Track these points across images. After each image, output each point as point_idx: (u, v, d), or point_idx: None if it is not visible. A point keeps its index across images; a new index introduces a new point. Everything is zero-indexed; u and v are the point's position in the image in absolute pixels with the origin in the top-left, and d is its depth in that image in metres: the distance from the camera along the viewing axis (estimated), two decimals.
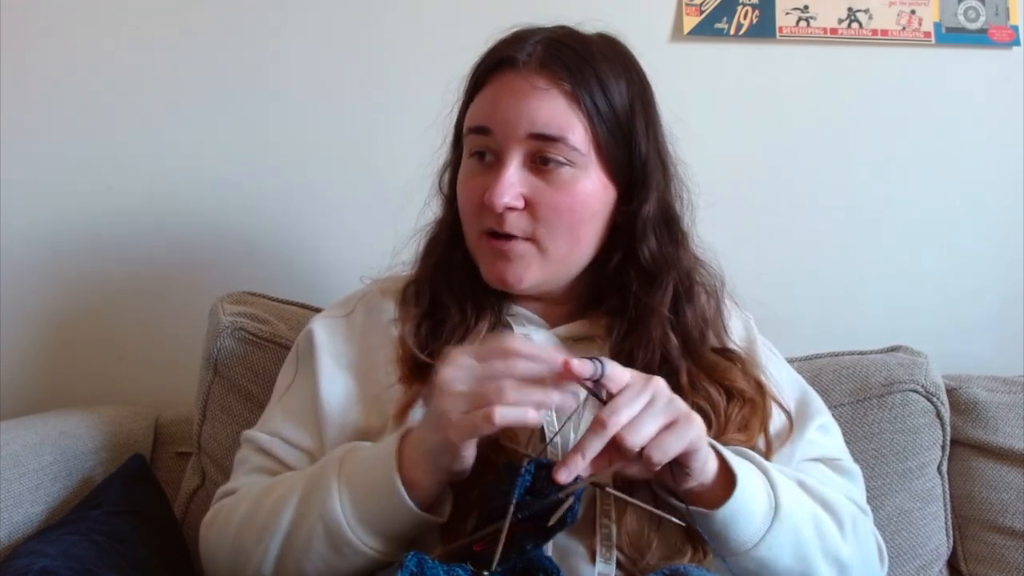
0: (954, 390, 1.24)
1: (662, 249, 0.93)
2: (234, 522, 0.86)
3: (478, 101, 0.92)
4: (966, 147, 1.46)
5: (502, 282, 0.90)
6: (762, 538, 0.79)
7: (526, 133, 0.87)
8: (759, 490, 0.80)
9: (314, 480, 0.82)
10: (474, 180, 0.91)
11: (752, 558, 0.80)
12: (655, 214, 0.92)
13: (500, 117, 0.88)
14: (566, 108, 0.88)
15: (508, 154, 0.88)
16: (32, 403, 1.36)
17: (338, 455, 0.82)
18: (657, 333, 0.90)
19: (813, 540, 0.83)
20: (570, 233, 0.90)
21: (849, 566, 0.86)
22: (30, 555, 0.82)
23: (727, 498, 0.77)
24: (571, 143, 0.88)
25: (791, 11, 1.44)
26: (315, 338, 0.96)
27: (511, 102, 0.88)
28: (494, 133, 0.89)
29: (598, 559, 0.81)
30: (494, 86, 0.90)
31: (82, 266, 1.40)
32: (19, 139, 1.39)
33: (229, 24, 1.41)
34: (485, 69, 0.92)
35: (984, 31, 1.45)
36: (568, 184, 0.89)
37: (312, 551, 0.79)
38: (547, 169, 0.88)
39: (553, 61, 0.89)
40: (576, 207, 0.89)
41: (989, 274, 1.46)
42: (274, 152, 1.42)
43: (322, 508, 0.79)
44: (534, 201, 0.88)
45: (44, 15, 1.39)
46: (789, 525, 0.80)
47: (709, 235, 1.00)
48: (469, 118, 0.92)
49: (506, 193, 0.87)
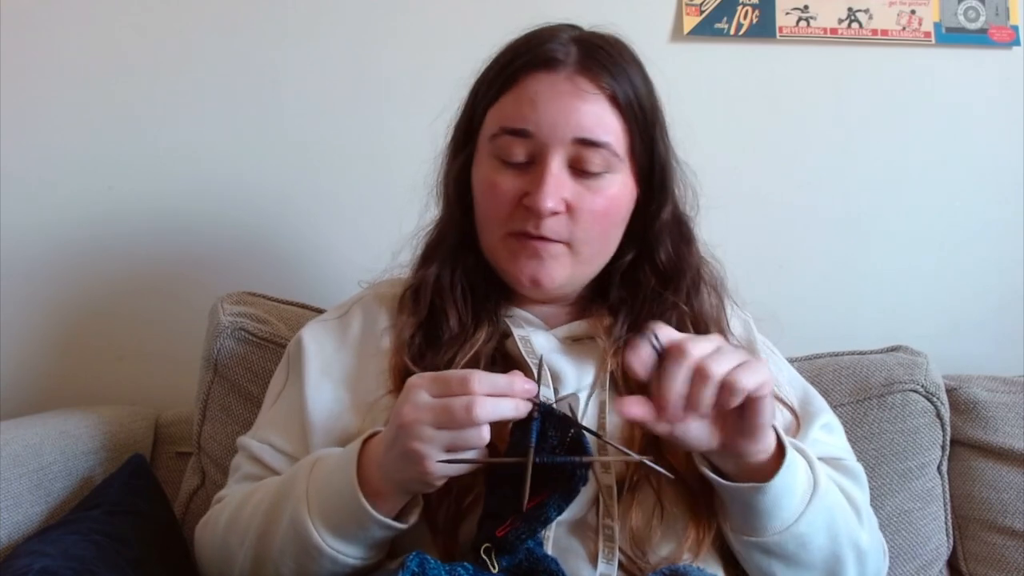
0: (954, 390, 1.24)
1: (676, 250, 0.94)
2: (220, 526, 0.87)
3: (511, 101, 0.89)
4: (966, 147, 1.46)
5: (535, 282, 0.89)
6: (802, 513, 0.79)
7: (572, 137, 0.86)
8: (802, 465, 0.81)
9: (286, 485, 0.82)
10: (507, 181, 0.88)
11: (792, 534, 0.80)
12: (671, 216, 0.94)
13: (544, 119, 0.86)
14: (609, 112, 0.88)
15: (550, 157, 0.86)
16: (32, 403, 1.36)
17: (310, 461, 0.83)
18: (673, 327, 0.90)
19: (842, 522, 0.84)
20: (603, 236, 0.91)
21: (867, 552, 0.86)
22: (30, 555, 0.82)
23: (776, 471, 0.77)
24: (613, 148, 0.87)
25: (791, 11, 1.44)
26: (304, 346, 0.96)
27: (556, 105, 0.86)
28: (535, 135, 0.87)
29: (600, 560, 0.81)
30: (532, 86, 0.88)
31: (82, 266, 1.40)
32: (19, 139, 1.39)
33: (230, 24, 1.41)
34: (519, 68, 0.89)
35: (984, 31, 1.45)
36: (605, 188, 0.89)
37: (286, 555, 0.80)
38: (587, 173, 0.87)
39: (593, 63, 0.88)
40: (611, 211, 0.90)
41: (989, 274, 1.46)
42: (274, 152, 1.42)
43: (293, 512, 0.79)
44: (574, 206, 0.87)
45: (44, 15, 1.39)
46: (825, 503, 0.81)
47: (709, 235, 1.00)
48: (503, 118, 0.89)
49: (553, 197, 0.86)
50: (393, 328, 0.94)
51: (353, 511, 0.76)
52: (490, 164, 0.90)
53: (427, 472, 0.72)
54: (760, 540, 0.80)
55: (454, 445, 0.72)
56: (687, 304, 0.93)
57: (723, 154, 1.39)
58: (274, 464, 0.91)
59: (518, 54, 0.90)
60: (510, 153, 0.88)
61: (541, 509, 0.74)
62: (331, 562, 0.78)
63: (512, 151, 0.88)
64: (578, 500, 0.80)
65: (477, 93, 0.94)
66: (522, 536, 0.75)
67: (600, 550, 0.81)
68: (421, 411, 0.72)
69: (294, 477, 0.82)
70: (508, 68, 0.90)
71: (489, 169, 0.90)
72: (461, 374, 0.74)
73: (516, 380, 0.74)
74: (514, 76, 0.89)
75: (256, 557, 0.82)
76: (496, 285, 0.95)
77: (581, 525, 0.82)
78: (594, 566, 0.80)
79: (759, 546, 0.81)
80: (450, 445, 0.72)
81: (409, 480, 0.75)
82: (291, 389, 0.96)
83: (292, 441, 0.91)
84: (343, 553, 0.78)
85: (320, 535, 0.77)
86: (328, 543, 0.77)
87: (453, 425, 0.71)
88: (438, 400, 0.72)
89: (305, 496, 0.79)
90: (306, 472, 0.81)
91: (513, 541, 0.74)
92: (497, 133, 0.89)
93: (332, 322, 0.99)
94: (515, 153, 0.88)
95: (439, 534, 0.81)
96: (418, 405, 0.73)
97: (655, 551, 0.82)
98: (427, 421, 0.72)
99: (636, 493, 0.83)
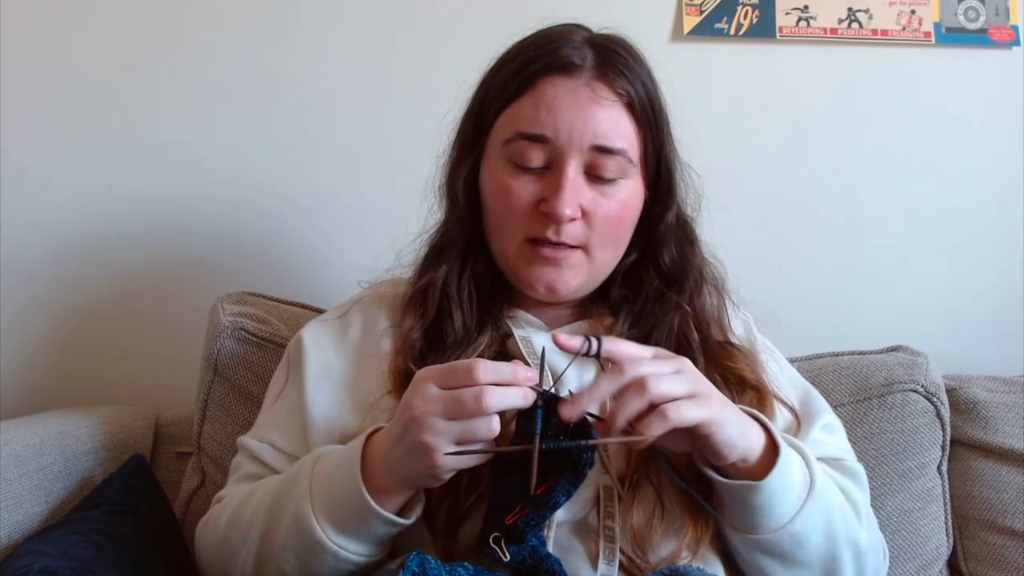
0: (954, 390, 1.24)
1: (680, 252, 0.95)
2: (221, 525, 0.87)
3: (528, 105, 0.88)
4: (966, 147, 1.46)
5: (551, 289, 0.90)
6: (798, 512, 0.79)
7: (589, 144, 0.86)
8: (798, 464, 0.81)
9: (289, 482, 0.82)
10: (522, 186, 0.88)
11: (788, 533, 0.80)
12: (675, 218, 0.94)
13: (562, 125, 0.86)
14: (625, 119, 0.88)
15: (567, 163, 0.86)
16: (32, 403, 1.36)
17: (312, 457, 0.83)
18: (678, 327, 0.91)
19: (839, 521, 0.83)
20: (616, 241, 0.91)
21: (866, 552, 0.86)
22: (30, 555, 0.82)
23: (770, 469, 0.77)
24: (628, 154, 0.88)
25: (791, 11, 1.44)
26: (304, 346, 0.96)
27: (575, 111, 0.86)
28: (552, 141, 0.86)
29: (601, 560, 0.81)
30: (549, 91, 0.87)
31: (82, 266, 1.40)
32: (19, 138, 1.39)
33: (230, 25, 1.41)
34: (535, 71, 0.88)
35: (984, 31, 1.45)
36: (619, 194, 0.89)
37: (288, 551, 0.80)
38: (603, 179, 0.88)
39: (610, 68, 0.88)
40: (625, 216, 0.90)
41: (989, 274, 1.46)
42: (274, 152, 1.41)
43: (296, 509, 0.79)
44: (590, 211, 0.88)
45: (44, 14, 1.39)
46: (822, 502, 0.81)
47: (710, 235, 1.01)
48: (519, 123, 0.88)
49: (571, 204, 0.86)
50: (394, 329, 0.94)
51: (357, 506, 0.76)
52: (503, 168, 0.90)
53: (436, 465, 0.72)
54: (755, 538, 0.80)
55: (464, 437, 0.72)
56: (689, 304, 0.93)
57: (723, 154, 1.39)
58: (274, 463, 0.91)
59: (533, 57, 0.89)
60: (526, 158, 0.88)
61: (550, 494, 0.74)
62: (333, 558, 0.78)
63: (528, 156, 0.87)
64: (579, 500, 0.81)
65: (487, 95, 0.93)
66: (532, 522, 0.74)
67: (601, 551, 0.81)
68: (431, 403, 0.72)
69: (296, 474, 0.82)
70: (523, 71, 0.89)
71: (502, 173, 0.89)
72: (466, 363, 0.73)
73: (519, 369, 0.74)
74: (530, 80, 0.88)
75: (258, 555, 0.82)
76: (501, 288, 0.95)
77: (582, 526, 0.82)
78: (595, 567, 0.80)
79: (755, 544, 0.81)
80: (460, 437, 0.72)
81: (416, 474, 0.75)
82: (291, 389, 0.96)
83: (292, 440, 0.91)
84: (346, 549, 0.78)
85: (324, 531, 0.77)
86: (331, 539, 0.77)
87: (463, 415, 0.71)
88: (448, 392, 0.72)
89: (308, 492, 0.79)
90: (309, 469, 0.81)
91: (523, 528, 0.74)
92: (512, 138, 0.88)
93: (332, 322, 0.99)
94: (531, 158, 0.87)
95: (439, 535, 0.81)
96: (428, 398, 0.73)
97: (655, 551, 0.82)
98: (437, 413, 0.72)
99: (637, 492, 0.83)
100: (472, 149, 0.94)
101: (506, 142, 0.89)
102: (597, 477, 0.82)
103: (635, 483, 0.83)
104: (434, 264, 0.95)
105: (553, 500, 0.74)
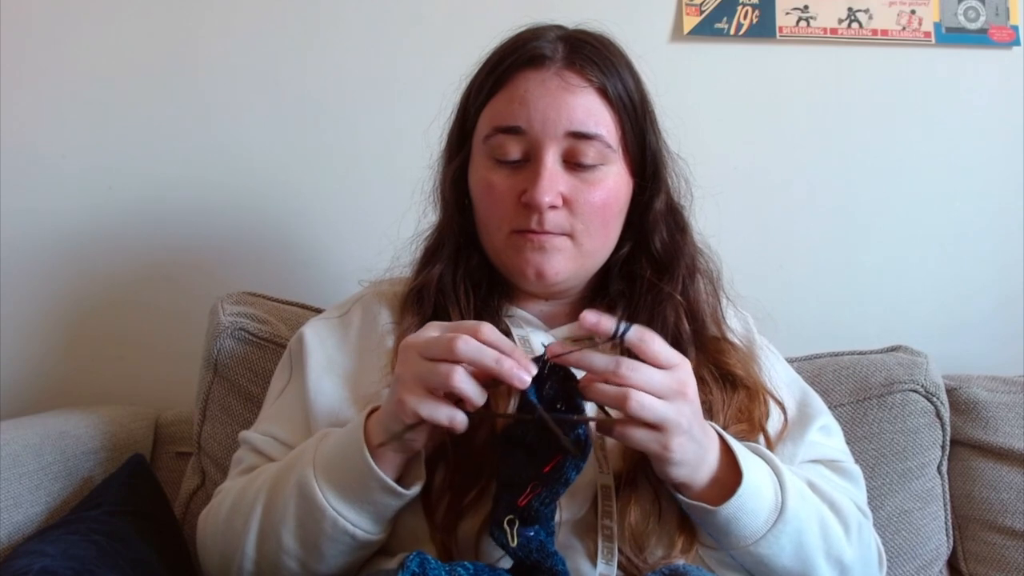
0: (954, 390, 1.24)
1: (672, 239, 0.95)
2: (224, 510, 0.87)
3: (503, 100, 0.90)
4: (966, 147, 1.46)
5: (539, 275, 0.90)
6: (763, 536, 0.79)
7: (564, 131, 0.87)
8: (766, 488, 0.80)
9: (293, 458, 0.84)
10: (504, 180, 0.90)
11: (751, 553, 0.80)
12: (665, 205, 0.94)
13: (535, 116, 0.88)
14: (599, 104, 0.89)
15: (544, 152, 0.88)
16: (32, 403, 1.36)
17: (318, 435, 0.84)
18: (671, 318, 0.91)
19: (817, 542, 0.83)
20: (603, 228, 0.92)
21: (851, 568, 0.86)
22: (30, 555, 0.82)
23: (731, 496, 0.77)
24: (605, 139, 0.89)
25: (791, 11, 1.44)
26: (306, 342, 0.96)
27: (547, 100, 0.88)
28: (527, 132, 0.88)
29: (599, 559, 0.81)
30: (521, 84, 0.89)
31: (82, 266, 1.40)
32: (19, 139, 1.39)
33: (231, 25, 1.41)
34: (508, 68, 0.91)
35: (984, 31, 1.45)
36: (602, 180, 0.90)
37: (290, 518, 0.80)
38: (582, 166, 0.89)
39: (580, 57, 0.89)
40: (610, 202, 0.91)
41: (989, 274, 1.46)
42: (274, 152, 1.42)
43: (299, 476, 0.80)
44: (572, 199, 0.89)
45: (44, 14, 1.39)
46: (793, 527, 0.80)
47: (710, 234, 1.01)
48: (495, 118, 0.90)
49: (549, 192, 0.87)
50: (397, 327, 0.95)
51: (357, 469, 0.77)
52: (485, 165, 0.91)
53: (399, 399, 0.73)
54: (717, 554, 0.81)
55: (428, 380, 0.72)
56: (682, 295, 0.93)
57: (723, 154, 1.40)
58: (277, 456, 0.91)
59: (505, 55, 0.92)
60: (504, 152, 0.89)
61: (559, 471, 0.73)
62: (332, 526, 0.78)
63: (506, 150, 0.89)
64: (577, 499, 0.81)
65: (468, 96, 0.95)
66: (545, 500, 0.73)
67: (599, 550, 0.81)
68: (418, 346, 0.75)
69: (302, 450, 0.83)
70: (497, 69, 0.91)
71: (485, 170, 0.91)
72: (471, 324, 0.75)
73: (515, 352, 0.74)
74: (503, 76, 0.91)
75: (260, 531, 0.82)
76: (498, 284, 0.96)
77: (582, 524, 0.82)
78: (594, 565, 0.80)
79: (717, 557, 0.82)
80: (426, 379, 0.72)
81: (388, 415, 0.76)
82: (294, 383, 0.96)
83: (295, 433, 0.92)
84: (344, 517, 0.78)
85: (324, 495, 0.78)
86: (332, 504, 0.78)
87: (432, 357, 0.73)
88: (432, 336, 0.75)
89: (312, 461, 0.80)
90: (315, 443, 0.82)
91: (538, 508, 0.73)
92: (490, 133, 0.90)
93: (333, 320, 1.00)
94: (509, 151, 0.89)
95: (438, 529, 0.81)
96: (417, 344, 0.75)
97: (652, 551, 0.82)
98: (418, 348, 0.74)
99: (634, 491, 0.83)
100: (459, 150, 0.96)
101: (486, 138, 0.91)
102: (595, 476, 0.82)
103: (632, 481, 0.83)
104: (429, 263, 0.97)
105: (564, 476, 0.73)
